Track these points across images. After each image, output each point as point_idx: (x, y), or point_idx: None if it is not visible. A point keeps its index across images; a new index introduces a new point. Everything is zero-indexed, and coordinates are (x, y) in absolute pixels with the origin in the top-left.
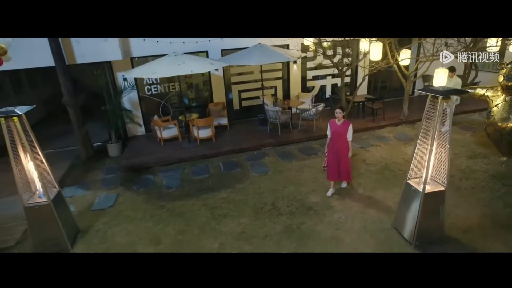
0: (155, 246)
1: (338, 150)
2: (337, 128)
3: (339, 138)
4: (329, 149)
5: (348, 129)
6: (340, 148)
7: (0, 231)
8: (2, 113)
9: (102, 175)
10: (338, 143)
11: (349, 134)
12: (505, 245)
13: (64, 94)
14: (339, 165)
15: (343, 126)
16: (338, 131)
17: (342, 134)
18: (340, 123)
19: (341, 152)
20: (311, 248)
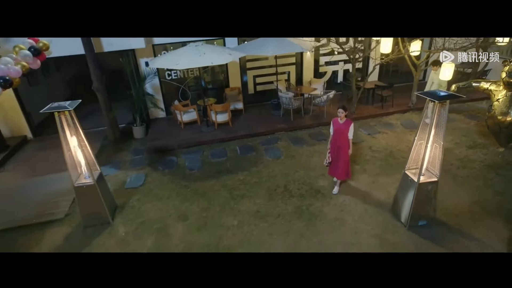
0: (183, 222)
1: (339, 146)
2: (339, 126)
3: (340, 135)
4: (331, 145)
5: (350, 128)
6: (341, 145)
7: (50, 205)
8: (56, 108)
9: (130, 156)
10: (339, 140)
11: (350, 133)
12: (490, 229)
13: (93, 81)
14: (337, 160)
15: (344, 124)
16: (340, 129)
17: (343, 132)
18: (342, 122)
19: (341, 149)
20: (323, 230)
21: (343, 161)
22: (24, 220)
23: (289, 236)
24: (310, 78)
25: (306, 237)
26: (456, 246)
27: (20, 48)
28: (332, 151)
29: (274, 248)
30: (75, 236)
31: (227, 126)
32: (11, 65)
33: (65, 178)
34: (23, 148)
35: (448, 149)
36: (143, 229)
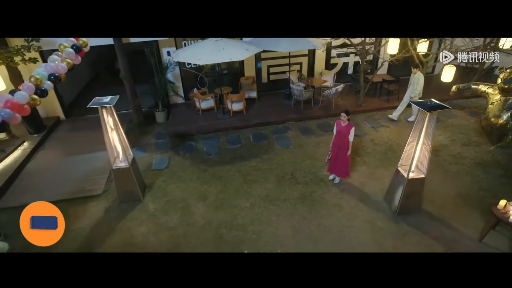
0: (203, 202)
1: (340, 147)
2: (341, 128)
3: (342, 137)
4: (332, 145)
5: (351, 131)
6: (341, 145)
7: (89, 182)
8: (99, 103)
9: (154, 139)
10: (340, 141)
11: (350, 136)
12: (468, 220)
13: (121, 69)
14: (337, 159)
15: (346, 128)
16: (342, 132)
17: (345, 134)
18: (344, 125)
19: (341, 149)
20: (323, 214)
21: (343, 160)
22: (69, 194)
23: (293, 218)
24: (321, 70)
25: (308, 219)
26: (435, 233)
27: (65, 46)
28: (333, 150)
29: (280, 227)
30: (112, 210)
31: (241, 114)
32: (58, 63)
33: (98, 158)
34: (58, 128)
35: (444, 145)
36: (169, 207)
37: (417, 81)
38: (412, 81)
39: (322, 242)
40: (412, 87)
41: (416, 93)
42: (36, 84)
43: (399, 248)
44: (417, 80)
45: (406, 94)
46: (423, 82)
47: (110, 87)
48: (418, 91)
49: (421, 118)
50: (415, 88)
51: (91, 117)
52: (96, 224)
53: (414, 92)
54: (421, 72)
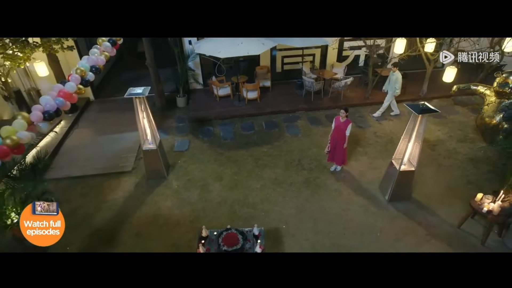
0: (219, 182)
1: (337, 140)
2: (339, 124)
3: (340, 132)
4: (331, 138)
5: (348, 127)
6: (339, 139)
7: (120, 160)
8: (133, 94)
9: (175, 123)
10: (338, 135)
11: (347, 130)
12: (451, 210)
13: (147, 58)
14: (335, 150)
15: (344, 123)
16: (340, 127)
17: (342, 129)
18: (342, 121)
19: (339, 142)
20: (324, 197)
21: (340, 152)
22: (103, 169)
23: (298, 200)
24: (333, 62)
25: (310, 202)
26: (420, 219)
27: (103, 40)
28: (332, 142)
29: (286, 207)
30: (141, 185)
31: (256, 102)
32: (97, 55)
33: (126, 138)
34: (88, 109)
35: (442, 140)
36: (190, 185)
37: (395, 80)
38: (391, 78)
39: (321, 221)
40: (392, 85)
41: (397, 92)
42: (81, 75)
43: (386, 229)
44: (395, 79)
45: (390, 93)
46: (401, 80)
47: (133, 70)
48: (398, 90)
49: (413, 119)
50: (395, 87)
51: (118, 99)
52: (128, 196)
53: (395, 91)
54: (427, 69)
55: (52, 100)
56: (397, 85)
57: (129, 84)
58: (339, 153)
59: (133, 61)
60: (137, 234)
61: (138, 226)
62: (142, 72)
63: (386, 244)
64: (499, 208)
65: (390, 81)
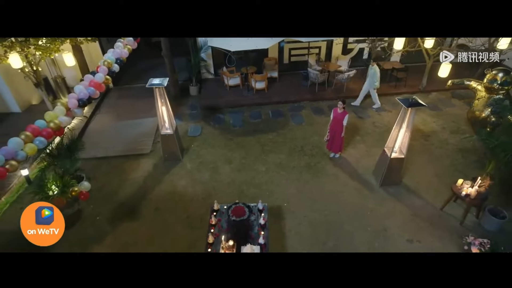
0: (229, 165)
1: (336, 130)
2: (337, 115)
3: (337, 122)
4: (329, 128)
5: (345, 118)
6: (336, 129)
7: (139, 143)
8: (154, 85)
9: (188, 110)
10: (336, 125)
11: (344, 121)
12: (437, 194)
13: (163, 49)
14: (333, 139)
15: (341, 114)
16: (337, 118)
17: (340, 120)
18: (340, 112)
19: (337, 132)
20: (322, 180)
21: (338, 140)
22: (124, 151)
23: (299, 182)
24: (338, 55)
25: (310, 184)
26: (407, 201)
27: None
28: (330, 132)
29: (288, 188)
30: (159, 166)
31: (263, 92)
32: (121, 49)
33: (143, 124)
34: (108, 96)
35: (435, 131)
36: (202, 166)
37: (373, 73)
38: (369, 73)
39: (319, 201)
40: (371, 79)
41: (375, 85)
42: (108, 67)
43: (376, 209)
44: (374, 73)
45: (365, 85)
46: (379, 74)
47: (149, 59)
48: (376, 83)
49: (403, 111)
50: (374, 81)
51: (134, 87)
52: (147, 176)
53: (373, 84)
54: (427, 63)
55: (85, 89)
56: (375, 79)
57: (145, 73)
58: (337, 142)
59: (148, 50)
60: (156, 208)
61: (157, 201)
62: (157, 61)
63: (374, 222)
64: (475, 193)
65: (369, 75)
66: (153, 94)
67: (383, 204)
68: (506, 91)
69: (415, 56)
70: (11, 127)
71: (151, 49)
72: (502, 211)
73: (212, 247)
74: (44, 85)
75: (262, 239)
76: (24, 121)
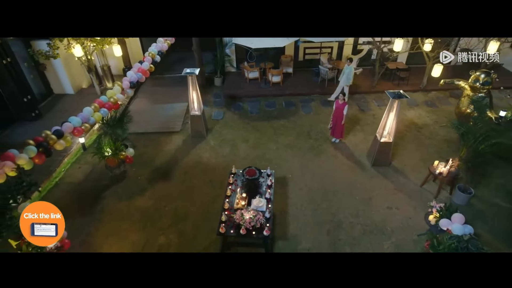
0: (245, 143)
1: (337, 118)
2: (339, 106)
3: (339, 112)
4: (332, 117)
5: (345, 108)
6: (338, 117)
7: (171, 123)
8: (188, 73)
9: (213, 98)
10: (337, 114)
11: (345, 110)
12: (419, 175)
13: (193, 44)
14: (336, 126)
15: (342, 105)
16: (339, 108)
17: (341, 110)
18: (341, 103)
19: (338, 119)
20: (323, 159)
21: (340, 128)
22: (159, 128)
23: (303, 159)
24: (348, 54)
25: (312, 161)
26: (393, 179)
27: None
28: (333, 120)
29: (293, 163)
30: (187, 141)
31: (279, 85)
32: (162, 43)
33: (174, 108)
34: (144, 83)
35: (428, 125)
36: (223, 143)
37: (349, 72)
38: (345, 71)
39: (318, 175)
40: (346, 76)
41: (350, 82)
42: (152, 57)
43: (365, 183)
44: (349, 72)
45: (341, 82)
46: (353, 73)
47: (179, 52)
48: (350, 80)
49: (390, 103)
50: (348, 78)
51: (166, 76)
52: (177, 148)
53: (347, 81)
54: (427, 65)
55: (134, 74)
56: (350, 77)
57: (176, 64)
58: (338, 128)
59: (178, 44)
60: (185, 173)
61: (185, 168)
62: (186, 55)
63: (362, 192)
64: (447, 171)
65: (344, 73)
66: (182, 83)
67: (372, 179)
68: (487, 90)
69: (418, 57)
70: (68, 105)
71: (181, 43)
72: (469, 188)
73: (229, 199)
74: (94, 72)
75: (268, 194)
76: (76, 101)
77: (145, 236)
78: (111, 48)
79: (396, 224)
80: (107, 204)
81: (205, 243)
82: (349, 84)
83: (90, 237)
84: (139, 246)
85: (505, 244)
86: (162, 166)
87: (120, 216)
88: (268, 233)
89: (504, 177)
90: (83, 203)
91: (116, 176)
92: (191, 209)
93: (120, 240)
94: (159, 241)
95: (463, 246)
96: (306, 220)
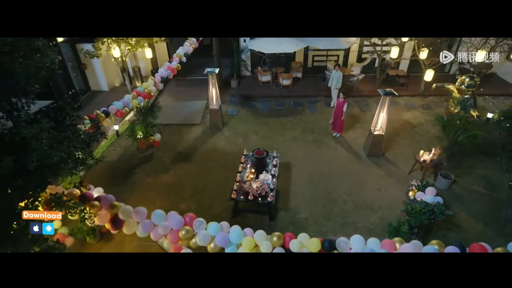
0: (256, 135)
1: (337, 114)
2: (339, 103)
3: (339, 109)
4: (333, 113)
5: (344, 105)
6: (338, 114)
7: (192, 117)
8: (209, 71)
9: (229, 97)
10: (338, 111)
11: (344, 107)
12: (409, 165)
13: (214, 49)
14: (336, 122)
15: (342, 103)
16: (339, 105)
17: (341, 107)
18: (341, 101)
19: (338, 115)
20: (324, 150)
21: (340, 123)
22: (182, 120)
23: (306, 150)
24: (352, 62)
25: (314, 151)
26: (385, 168)
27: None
28: (334, 116)
29: (297, 153)
30: (206, 132)
31: (288, 88)
32: (188, 46)
33: (195, 104)
34: (169, 84)
35: (421, 123)
36: (237, 135)
37: (338, 77)
38: (333, 76)
39: (318, 163)
40: (335, 81)
41: (338, 86)
42: (179, 58)
43: (360, 170)
44: (338, 76)
45: (332, 87)
46: (341, 78)
47: (200, 57)
48: (339, 84)
49: (382, 99)
50: (338, 82)
51: (188, 79)
52: (197, 137)
53: (337, 85)
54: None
55: (164, 71)
56: (339, 81)
57: (197, 68)
58: (338, 124)
59: (199, 50)
60: (203, 157)
61: (204, 153)
62: (205, 60)
63: (356, 177)
64: (430, 159)
65: (334, 78)
66: (201, 85)
67: (366, 167)
68: (471, 92)
69: (418, 66)
70: (103, 100)
71: (202, 50)
72: (450, 175)
73: (240, 174)
74: (127, 72)
75: (273, 171)
76: (110, 97)
77: (169, 202)
78: (142, 52)
79: (383, 202)
80: (138, 178)
81: (219, 210)
82: (338, 87)
83: (124, 202)
84: (164, 209)
85: (477, 220)
86: (183, 151)
87: (148, 188)
88: (271, 199)
89: (485, 169)
90: (117, 177)
91: (145, 157)
92: (207, 185)
93: (149, 204)
94: (180, 207)
95: (430, 209)
96: (306, 196)
